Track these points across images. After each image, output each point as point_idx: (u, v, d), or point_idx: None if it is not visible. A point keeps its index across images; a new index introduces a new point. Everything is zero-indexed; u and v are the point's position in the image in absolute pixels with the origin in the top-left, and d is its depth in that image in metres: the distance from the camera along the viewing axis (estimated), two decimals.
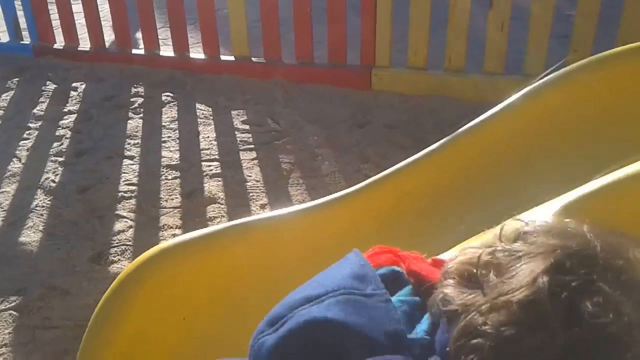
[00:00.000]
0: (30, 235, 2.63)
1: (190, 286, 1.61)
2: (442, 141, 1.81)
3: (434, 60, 3.64)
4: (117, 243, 2.56)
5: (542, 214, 1.26)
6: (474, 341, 0.69)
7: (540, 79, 1.85)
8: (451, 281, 0.78)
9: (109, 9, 4.16)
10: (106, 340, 1.49)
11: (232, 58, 4.03)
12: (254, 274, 1.65)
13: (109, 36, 4.32)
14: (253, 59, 4.00)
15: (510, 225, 0.82)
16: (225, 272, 1.64)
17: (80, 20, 4.27)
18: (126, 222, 2.70)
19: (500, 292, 0.70)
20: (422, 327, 0.80)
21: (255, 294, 1.54)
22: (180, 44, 4.10)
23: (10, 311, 2.24)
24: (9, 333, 2.16)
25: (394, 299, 0.83)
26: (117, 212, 2.77)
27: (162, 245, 1.62)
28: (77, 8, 4.26)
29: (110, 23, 4.24)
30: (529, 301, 0.68)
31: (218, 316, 1.64)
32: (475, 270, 0.76)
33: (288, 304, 0.85)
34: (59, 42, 4.38)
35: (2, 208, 2.84)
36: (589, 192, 1.31)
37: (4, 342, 2.12)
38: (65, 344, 2.07)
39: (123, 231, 2.63)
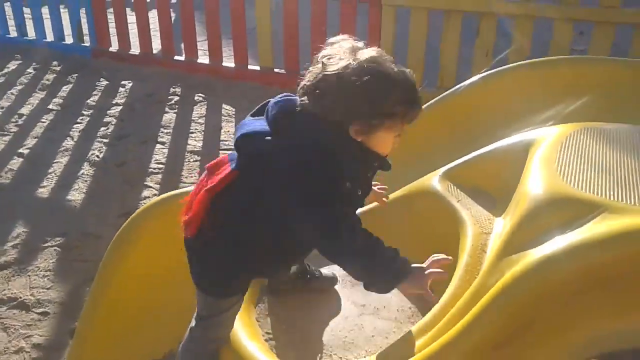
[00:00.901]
0: (75, 195, 3.28)
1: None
2: None
3: (430, 77, 4.15)
4: (143, 205, 3.16)
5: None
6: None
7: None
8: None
9: (157, 21, 4.85)
10: (116, 267, 2.03)
11: (257, 68, 4.66)
12: None
13: (156, 44, 5.00)
14: (275, 69, 4.61)
15: None
16: None
17: (133, 30, 4.97)
18: (152, 190, 3.31)
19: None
20: None
21: None
22: (215, 53, 4.76)
23: (55, 247, 2.86)
24: (53, 262, 2.78)
25: None
26: (145, 183, 3.39)
27: (156, 199, 2.16)
28: (131, 19, 4.98)
29: (159, 32, 4.92)
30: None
31: None
32: None
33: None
34: (114, 46, 5.09)
35: (55, 174, 3.50)
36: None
37: (48, 267, 2.74)
38: (94, 272, 2.65)
39: (149, 197, 3.24)
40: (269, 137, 1.38)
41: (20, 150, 3.78)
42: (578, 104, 2.00)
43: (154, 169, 3.54)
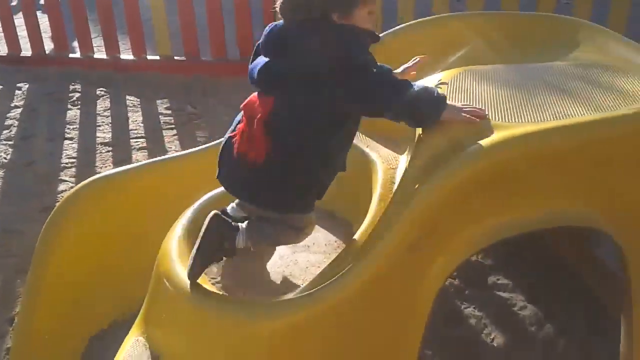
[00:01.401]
0: None
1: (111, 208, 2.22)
2: None
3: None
4: (62, 198, 3.18)
5: None
6: None
7: None
8: None
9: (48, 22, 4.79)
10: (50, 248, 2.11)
11: (157, 57, 4.71)
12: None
13: (50, 44, 4.92)
14: (175, 57, 4.68)
15: None
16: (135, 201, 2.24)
17: (22, 32, 4.87)
18: (68, 184, 3.33)
19: None
20: None
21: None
22: (112, 47, 4.76)
23: None
24: None
25: None
26: (60, 178, 3.40)
27: (85, 181, 2.25)
28: (19, 22, 4.88)
29: (50, 33, 4.86)
30: None
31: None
32: None
33: None
34: (4, 50, 4.97)
35: None
36: None
37: None
38: (24, 265, 2.68)
39: (66, 190, 3.26)
40: (279, 59, 1.55)
41: None
42: (462, 52, 2.28)
43: (67, 163, 3.55)
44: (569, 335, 2.16)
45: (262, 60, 1.61)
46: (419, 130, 1.70)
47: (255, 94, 1.64)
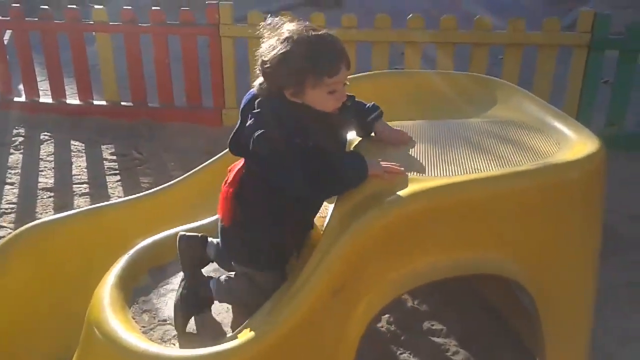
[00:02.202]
0: None
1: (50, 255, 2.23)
2: None
3: None
4: None
5: None
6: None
7: None
8: None
9: None
10: None
11: (104, 102, 4.74)
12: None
13: None
14: (122, 103, 4.72)
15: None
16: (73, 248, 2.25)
17: None
18: (6, 230, 3.28)
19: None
20: None
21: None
22: (58, 92, 4.76)
23: None
24: None
25: None
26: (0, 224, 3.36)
27: (23, 227, 2.25)
28: None
29: None
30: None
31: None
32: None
33: None
34: None
35: None
36: None
37: None
38: None
39: (4, 237, 3.20)
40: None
41: None
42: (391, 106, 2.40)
43: (6, 209, 3.50)
44: None
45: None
46: None
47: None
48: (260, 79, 1.64)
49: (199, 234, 1.89)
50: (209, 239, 1.88)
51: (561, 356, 1.77)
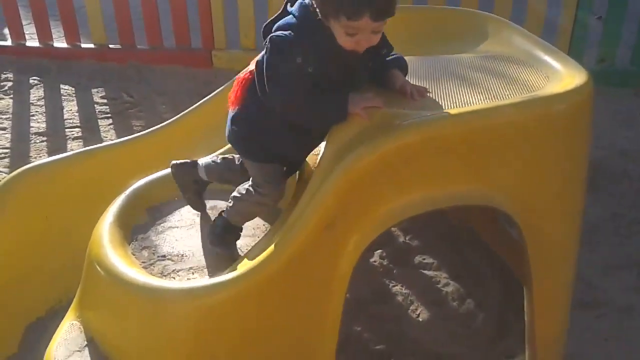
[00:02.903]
0: None
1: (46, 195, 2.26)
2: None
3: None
4: None
5: None
6: None
7: None
8: None
9: None
10: None
11: (92, 45, 4.67)
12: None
13: None
14: (110, 45, 4.66)
15: None
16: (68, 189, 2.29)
17: None
18: (2, 175, 3.30)
19: None
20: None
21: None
22: (45, 35, 4.69)
23: None
24: None
25: None
26: None
27: (18, 171, 2.28)
28: None
29: None
30: None
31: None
32: None
33: None
34: None
35: None
36: None
37: None
38: None
39: None
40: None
41: None
42: None
43: (0, 154, 3.51)
44: (487, 309, 2.33)
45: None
46: None
47: None
48: None
49: (189, 160, 1.99)
50: (199, 161, 1.97)
51: (547, 285, 1.84)
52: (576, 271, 1.97)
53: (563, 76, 1.73)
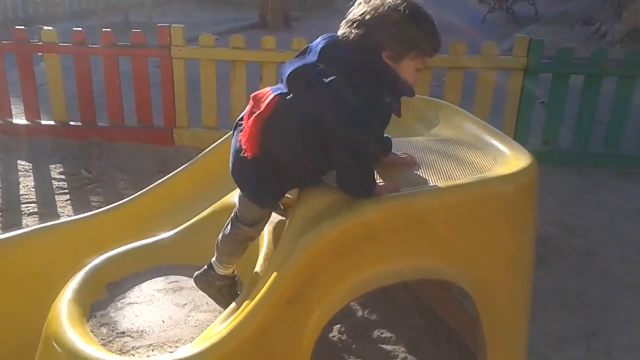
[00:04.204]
0: None
1: None
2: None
3: (224, 120, 4.57)
4: None
5: None
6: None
7: None
8: None
9: None
10: None
11: (52, 122, 4.70)
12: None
13: None
14: (71, 122, 4.69)
15: None
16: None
17: None
18: None
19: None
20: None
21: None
22: (4, 111, 4.70)
23: None
24: None
25: None
26: None
27: None
28: None
29: None
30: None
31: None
32: None
33: None
34: None
35: None
36: None
37: None
38: None
39: None
40: (320, 66, 1.60)
41: None
42: None
43: None
44: None
45: (303, 60, 1.66)
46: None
47: (269, 88, 1.70)
48: (346, 30, 1.63)
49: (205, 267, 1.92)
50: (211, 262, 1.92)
51: (501, 358, 1.90)
52: (530, 344, 2.03)
53: (509, 159, 1.86)
